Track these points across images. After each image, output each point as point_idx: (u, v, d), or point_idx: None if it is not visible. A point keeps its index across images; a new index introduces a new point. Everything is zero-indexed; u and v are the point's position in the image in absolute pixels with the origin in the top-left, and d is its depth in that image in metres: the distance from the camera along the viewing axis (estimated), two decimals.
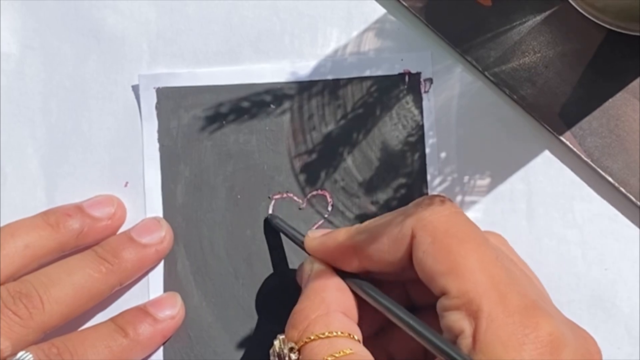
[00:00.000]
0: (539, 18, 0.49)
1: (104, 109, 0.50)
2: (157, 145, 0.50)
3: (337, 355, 0.37)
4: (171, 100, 0.50)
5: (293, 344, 0.39)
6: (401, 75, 0.49)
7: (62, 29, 0.51)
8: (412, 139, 0.49)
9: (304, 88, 0.49)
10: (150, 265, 0.49)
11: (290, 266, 0.49)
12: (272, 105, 0.49)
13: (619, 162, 0.47)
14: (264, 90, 0.50)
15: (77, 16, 0.51)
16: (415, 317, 0.38)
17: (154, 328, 0.46)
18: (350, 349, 0.37)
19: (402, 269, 0.39)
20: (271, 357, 0.40)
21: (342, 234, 0.41)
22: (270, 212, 0.49)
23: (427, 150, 0.49)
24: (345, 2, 0.50)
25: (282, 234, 0.48)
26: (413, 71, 0.49)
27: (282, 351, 0.39)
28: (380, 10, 0.50)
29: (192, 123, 0.50)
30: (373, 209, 0.49)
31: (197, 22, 0.50)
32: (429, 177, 0.48)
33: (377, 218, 0.41)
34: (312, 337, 0.38)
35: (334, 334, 0.38)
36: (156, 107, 0.50)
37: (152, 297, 0.49)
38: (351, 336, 0.39)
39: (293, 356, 0.39)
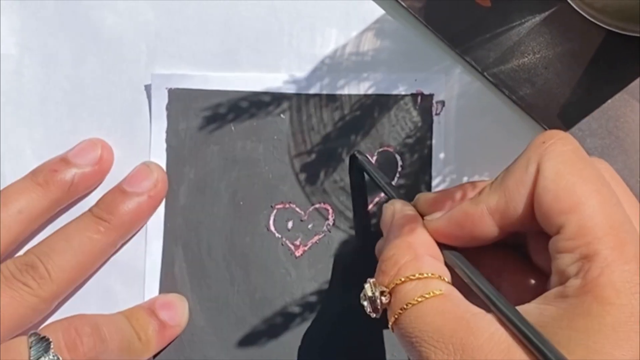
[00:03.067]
0: (538, 19, 0.49)
1: (102, 110, 0.50)
2: (164, 145, 0.50)
3: (427, 295, 0.37)
4: (182, 102, 0.50)
5: (384, 288, 0.39)
6: (414, 96, 0.49)
7: (60, 30, 0.51)
8: (410, 140, 0.49)
9: (314, 100, 0.49)
10: (148, 214, 0.49)
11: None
12: (282, 115, 0.49)
13: (618, 163, 0.47)
14: (274, 99, 0.49)
15: (76, 17, 0.51)
16: (505, 300, 0.37)
17: (162, 334, 0.47)
18: (441, 290, 0.37)
19: (529, 219, 0.38)
20: (362, 301, 0.40)
21: (468, 204, 0.39)
22: (271, 222, 0.49)
23: (426, 152, 0.49)
24: (343, 3, 0.50)
25: (366, 174, 0.47)
26: (426, 92, 0.49)
27: (374, 294, 0.39)
28: (379, 11, 0.50)
29: (201, 126, 0.50)
30: (373, 209, 0.49)
31: (195, 23, 0.50)
32: (427, 178, 0.48)
33: (499, 176, 0.40)
34: (402, 279, 0.38)
35: (425, 275, 0.38)
36: (167, 108, 0.50)
37: (147, 297, 0.49)
38: (442, 278, 0.38)
39: (384, 299, 0.39)
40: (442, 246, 0.40)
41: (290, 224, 0.49)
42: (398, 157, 0.49)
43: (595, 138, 0.47)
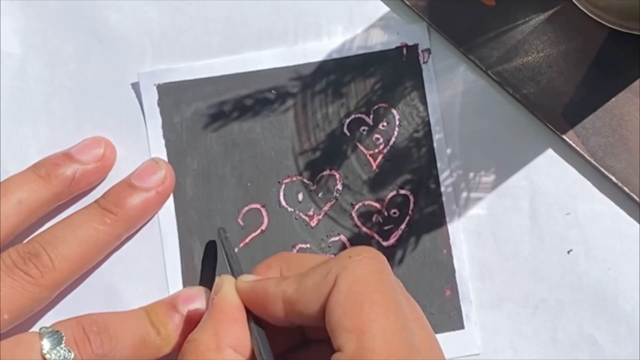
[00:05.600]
0: (541, 17, 0.49)
1: (106, 108, 0.50)
2: (163, 141, 0.50)
3: None
4: (172, 96, 0.50)
5: None
6: (399, 49, 0.49)
7: (64, 28, 0.51)
8: (417, 134, 0.49)
9: (304, 72, 0.50)
10: (154, 209, 0.49)
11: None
12: (272, 91, 0.50)
13: (622, 161, 0.47)
14: (263, 77, 0.50)
15: (80, 16, 0.51)
16: None
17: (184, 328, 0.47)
18: None
19: (321, 321, 0.39)
20: None
21: (272, 283, 0.41)
22: (281, 197, 0.49)
23: (435, 145, 0.49)
24: (347, 1, 0.50)
25: (222, 253, 0.48)
26: (410, 43, 0.49)
27: None
28: (383, 9, 0.50)
29: (195, 116, 0.50)
30: (377, 206, 0.49)
31: (199, 21, 0.50)
32: (436, 172, 0.49)
33: (305, 271, 0.41)
34: None
35: None
36: (158, 104, 0.50)
37: (171, 292, 0.49)
38: None
39: None
40: (251, 317, 0.41)
41: (300, 196, 0.49)
42: (395, 112, 0.49)
43: (599, 136, 0.47)
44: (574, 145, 0.48)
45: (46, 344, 0.42)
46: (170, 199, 0.49)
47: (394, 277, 0.40)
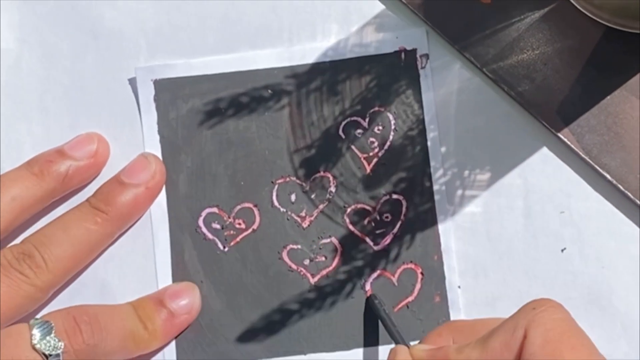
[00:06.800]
0: (537, 15, 0.49)
1: (101, 105, 0.50)
2: (158, 137, 0.50)
3: None
4: (169, 92, 0.50)
5: None
6: (397, 53, 0.49)
7: (60, 25, 0.51)
8: (412, 132, 0.49)
9: (301, 73, 0.50)
10: (145, 205, 0.49)
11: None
12: (269, 91, 0.50)
13: (617, 159, 0.47)
14: (260, 76, 0.50)
15: (75, 12, 0.51)
16: None
17: (170, 323, 0.47)
18: None
19: None
20: None
21: (452, 350, 0.40)
22: (274, 197, 0.49)
23: (429, 144, 0.49)
24: (343, 0, 0.50)
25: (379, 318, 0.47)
26: (409, 48, 0.49)
27: None
28: (379, 7, 0.50)
29: (191, 113, 0.50)
30: (370, 209, 0.49)
31: (194, 18, 0.50)
32: (430, 170, 0.49)
33: (486, 333, 0.40)
34: None
35: None
36: (154, 99, 0.50)
37: (160, 287, 0.49)
38: None
39: None
40: None
41: (293, 197, 0.49)
42: (391, 116, 0.49)
43: (594, 135, 0.47)
44: (569, 143, 0.47)
45: (36, 334, 0.42)
46: (163, 196, 0.49)
47: None
